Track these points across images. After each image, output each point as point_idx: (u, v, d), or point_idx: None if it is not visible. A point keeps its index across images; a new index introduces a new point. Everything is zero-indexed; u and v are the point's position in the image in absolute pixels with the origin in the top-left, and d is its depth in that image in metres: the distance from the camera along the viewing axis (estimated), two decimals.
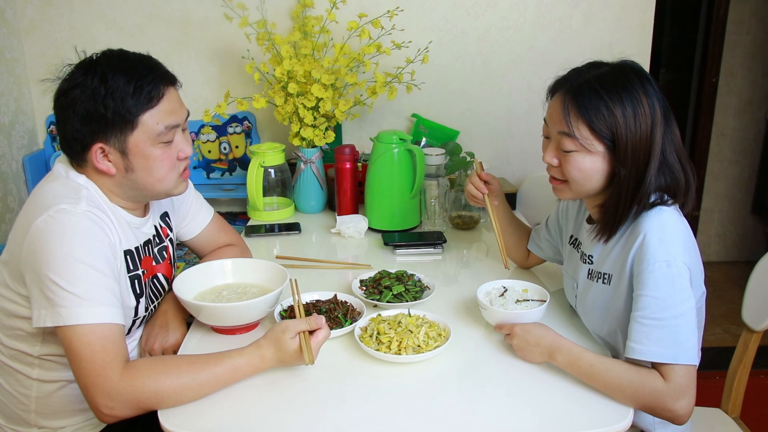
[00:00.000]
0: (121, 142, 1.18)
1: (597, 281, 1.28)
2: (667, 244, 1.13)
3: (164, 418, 1.07)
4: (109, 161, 1.20)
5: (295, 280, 1.32)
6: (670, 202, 1.18)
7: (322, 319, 1.18)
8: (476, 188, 1.52)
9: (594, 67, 1.21)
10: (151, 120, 1.19)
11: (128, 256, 1.26)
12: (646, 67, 2.31)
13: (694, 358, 1.10)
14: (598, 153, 1.17)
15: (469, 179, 1.54)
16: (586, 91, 1.16)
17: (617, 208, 1.19)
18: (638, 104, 1.14)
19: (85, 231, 1.13)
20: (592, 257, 1.30)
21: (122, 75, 1.16)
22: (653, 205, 1.18)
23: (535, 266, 1.66)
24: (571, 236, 1.41)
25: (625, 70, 1.18)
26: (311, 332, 1.17)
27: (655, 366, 1.11)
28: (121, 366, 1.08)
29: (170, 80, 1.23)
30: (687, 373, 1.09)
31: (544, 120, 1.26)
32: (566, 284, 1.44)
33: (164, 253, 1.41)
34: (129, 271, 1.26)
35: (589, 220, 1.33)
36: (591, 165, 1.19)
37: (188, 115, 1.29)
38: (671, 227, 1.15)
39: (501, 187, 1.55)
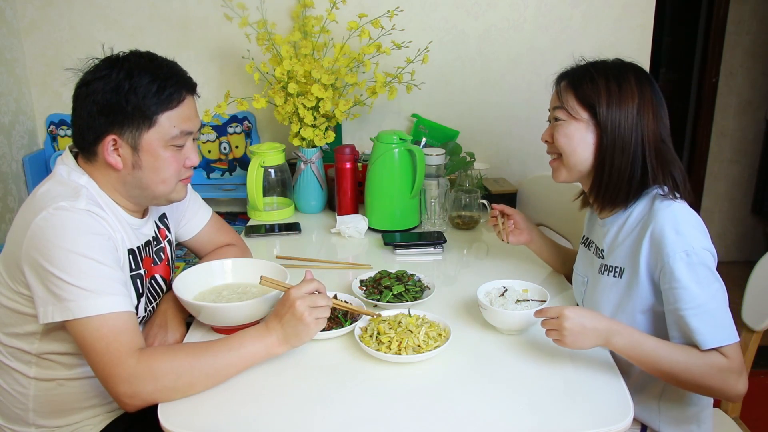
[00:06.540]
0: (134, 138, 1.20)
1: (608, 275, 1.29)
2: (683, 234, 1.16)
3: (164, 418, 1.07)
4: (119, 155, 1.21)
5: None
6: (678, 196, 1.22)
7: (311, 273, 1.23)
8: (494, 208, 1.58)
9: (596, 61, 1.31)
10: (168, 122, 1.21)
11: (131, 255, 1.27)
12: (646, 67, 2.31)
13: (735, 335, 1.14)
14: (583, 120, 1.25)
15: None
16: (581, 70, 1.28)
17: (609, 178, 1.25)
18: (625, 81, 1.23)
19: (84, 226, 1.14)
20: (603, 251, 1.33)
21: (148, 74, 1.19)
22: (662, 196, 1.22)
23: None
24: (584, 236, 1.45)
25: (624, 62, 1.28)
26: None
27: (708, 351, 1.13)
28: (137, 352, 1.10)
29: (192, 88, 1.27)
30: (736, 350, 1.13)
31: (549, 110, 1.34)
32: (575, 281, 1.45)
33: (162, 254, 1.41)
34: (131, 270, 1.27)
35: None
36: (576, 132, 1.26)
37: (201, 126, 1.30)
38: (683, 217, 1.18)
39: (527, 222, 1.58)
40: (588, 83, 1.24)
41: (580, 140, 1.26)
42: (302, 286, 1.19)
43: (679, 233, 1.16)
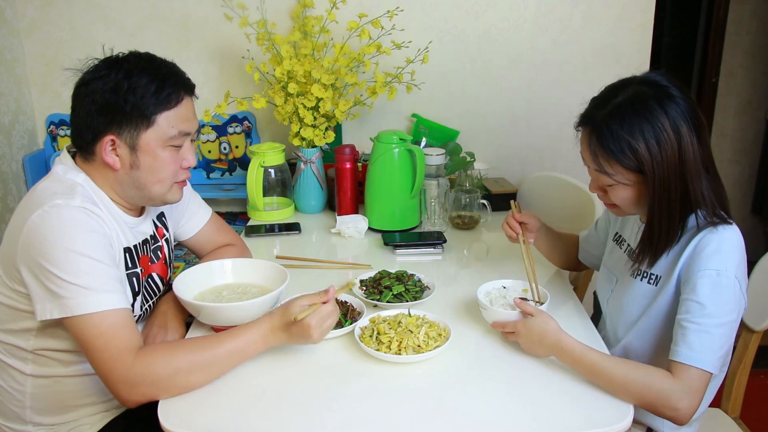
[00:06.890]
0: (133, 138, 1.20)
1: (642, 280, 1.29)
2: (722, 254, 1.15)
3: (164, 417, 1.07)
4: (117, 155, 1.22)
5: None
6: (726, 219, 1.19)
7: (333, 288, 1.21)
8: (511, 228, 1.53)
9: (612, 95, 1.21)
10: (166, 122, 1.21)
11: (127, 254, 1.27)
12: (646, 67, 2.30)
13: (715, 367, 1.11)
14: (635, 183, 1.21)
15: (505, 219, 1.55)
16: (606, 131, 1.18)
17: (660, 229, 1.21)
18: (661, 131, 1.15)
19: (80, 223, 1.14)
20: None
21: (146, 74, 1.20)
22: (714, 224, 1.19)
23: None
24: (617, 233, 1.44)
25: (642, 95, 1.17)
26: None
27: (672, 363, 1.12)
28: (135, 349, 1.10)
29: (190, 89, 1.28)
30: (700, 378, 1.11)
31: (582, 157, 1.28)
32: (602, 277, 1.45)
33: (159, 253, 1.41)
34: (127, 268, 1.27)
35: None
36: (631, 193, 1.23)
37: (200, 128, 1.31)
38: (729, 240, 1.17)
39: (539, 222, 1.56)
40: (627, 151, 1.17)
41: (638, 198, 1.23)
42: (320, 313, 1.18)
43: (718, 252, 1.15)
